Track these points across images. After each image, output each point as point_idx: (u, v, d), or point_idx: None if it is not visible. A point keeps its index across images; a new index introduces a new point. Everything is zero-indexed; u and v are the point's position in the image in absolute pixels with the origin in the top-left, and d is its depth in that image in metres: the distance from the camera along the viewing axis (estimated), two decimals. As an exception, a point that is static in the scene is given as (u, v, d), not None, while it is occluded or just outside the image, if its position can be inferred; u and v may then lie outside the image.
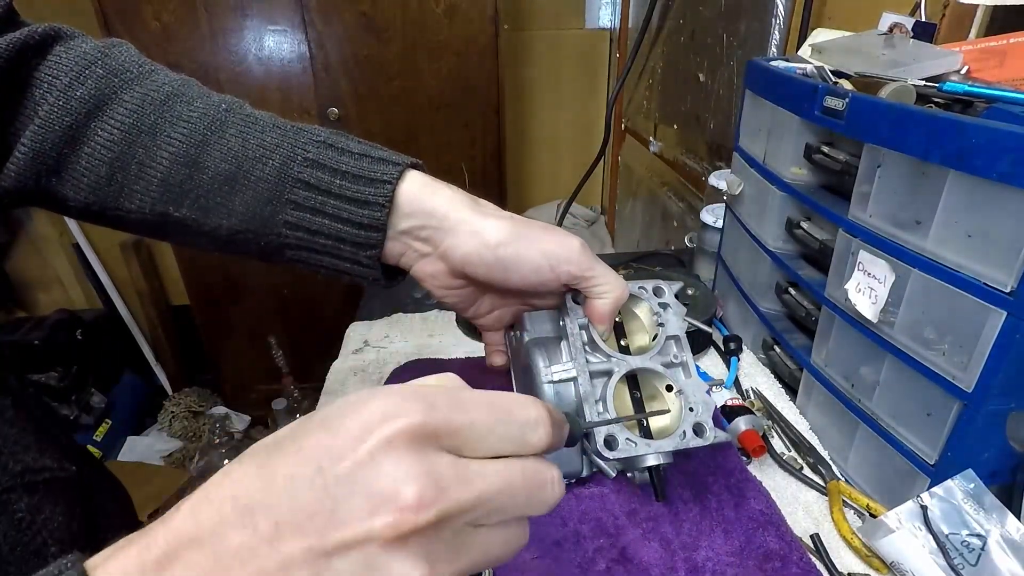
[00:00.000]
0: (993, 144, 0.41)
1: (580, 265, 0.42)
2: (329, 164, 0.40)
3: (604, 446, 0.42)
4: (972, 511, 0.47)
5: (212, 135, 0.39)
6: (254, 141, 0.39)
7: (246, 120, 0.40)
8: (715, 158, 1.43)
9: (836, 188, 0.64)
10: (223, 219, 0.40)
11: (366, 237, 0.41)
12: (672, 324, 0.48)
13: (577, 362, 0.45)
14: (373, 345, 0.87)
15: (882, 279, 0.52)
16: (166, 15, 1.58)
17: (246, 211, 0.40)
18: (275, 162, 0.39)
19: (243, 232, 0.40)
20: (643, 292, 0.49)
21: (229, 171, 0.39)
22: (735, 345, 0.79)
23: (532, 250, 0.41)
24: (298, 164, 0.39)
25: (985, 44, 0.57)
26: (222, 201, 0.39)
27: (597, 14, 2.28)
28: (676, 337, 0.48)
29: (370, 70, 1.70)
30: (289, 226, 0.40)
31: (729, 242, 0.87)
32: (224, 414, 2.17)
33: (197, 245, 0.43)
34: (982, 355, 0.44)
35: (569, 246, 0.42)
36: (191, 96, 0.41)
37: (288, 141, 0.40)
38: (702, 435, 0.44)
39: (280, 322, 2.01)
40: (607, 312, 0.44)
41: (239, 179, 0.39)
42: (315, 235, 0.41)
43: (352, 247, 0.41)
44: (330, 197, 0.40)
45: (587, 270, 0.43)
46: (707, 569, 0.49)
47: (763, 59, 0.74)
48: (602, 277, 0.43)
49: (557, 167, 2.48)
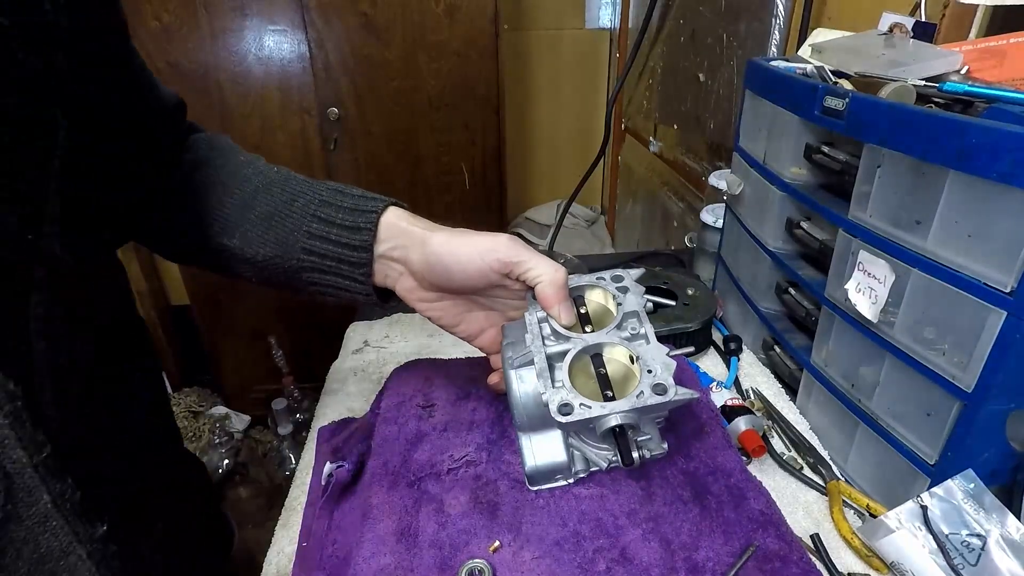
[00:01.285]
0: (993, 144, 0.41)
1: (507, 254, 0.49)
2: (335, 202, 0.51)
3: (559, 412, 0.45)
4: (972, 511, 0.47)
5: (263, 188, 0.53)
6: (289, 190, 0.52)
7: (287, 179, 0.53)
8: (715, 158, 1.43)
9: (836, 188, 0.64)
10: (260, 247, 0.51)
11: (357, 258, 0.50)
12: (630, 302, 0.51)
13: (534, 345, 0.49)
14: (373, 345, 0.87)
15: (882, 279, 0.52)
16: (166, 15, 1.58)
17: (276, 241, 0.51)
18: (299, 203, 0.51)
19: (273, 258, 0.51)
20: (602, 281, 0.53)
21: (268, 211, 0.51)
22: (735, 345, 0.79)
23: (464, 247, 0.49)
24: (314, 204, 0.51)
25: (985, 44, 0.57)
26: (261, 233, 0.51)
27: (597, 14, 2.28)
28: (635, 313, 0.51)
29: (370, 70, 1.70)
30: (306, 251, 0.51)
31: (729, 242, 0.87)
32: (224, 414, 2.17)
33: (241, 273, 0.54)
34: (982, 355, 0.44)
35: (495, 239, 0.49)
36: (258, 166, 0.55)
37: (310, 189, 0.52)
38: (664, 393, 0.45)
39: (280, 322, 2.01)
40: (549, 294, 0.49)
41: (274, 217, 0.51)
42: (324, 258, 0.51)
43: (349, 267, 0.51)
44: (333, 227, 0.50)
45: (514, 257, 0.49)
46: (707, 569, 0.49)
47: (763, 59, 0.74)
48: (531, 262, 0.49)
49: (557, 167, 2.48)
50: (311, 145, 1.77)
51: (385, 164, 1.82)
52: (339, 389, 0.78)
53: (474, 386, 0.65)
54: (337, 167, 1.80)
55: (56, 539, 0.30)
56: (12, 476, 0.28)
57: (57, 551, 0.30)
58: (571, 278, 0.52)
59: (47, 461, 0.29)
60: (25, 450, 0.28)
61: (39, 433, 0.29)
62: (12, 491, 0.28)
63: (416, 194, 1.87)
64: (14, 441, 0.28)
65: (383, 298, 0.55)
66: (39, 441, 0.29)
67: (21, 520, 0.29)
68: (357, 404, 0.75)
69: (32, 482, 0.29)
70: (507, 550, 0.49)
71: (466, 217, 1.91)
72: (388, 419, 0.62)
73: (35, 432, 0.29)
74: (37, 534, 0.29)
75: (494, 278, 0.50)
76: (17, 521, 0.28)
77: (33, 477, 0.29)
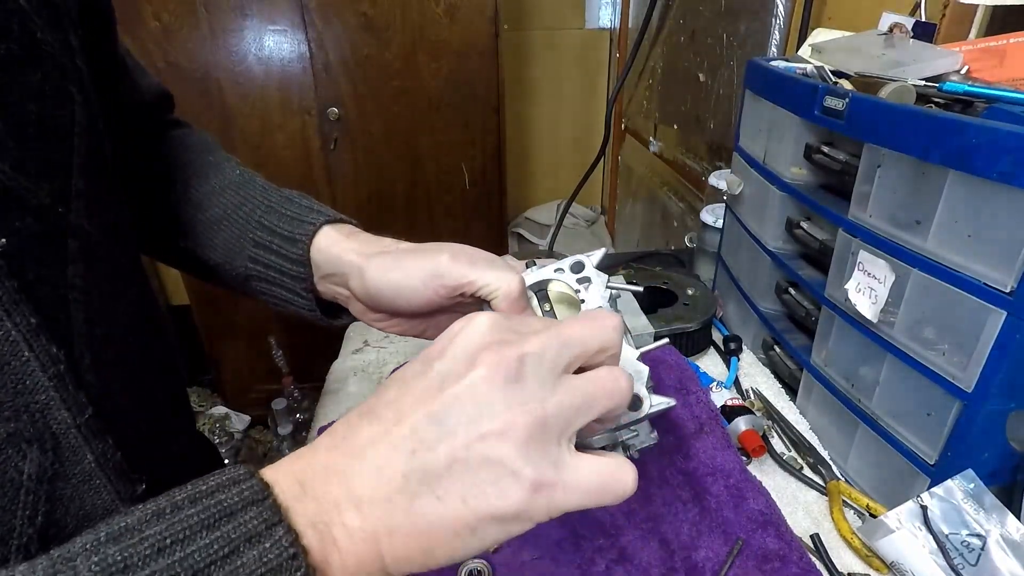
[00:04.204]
0: (993, 144, 0.41)
1: (450, 276, 0.43)
2: (279, 210, 0.48)
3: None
4: (972, 511, 0.47)
5: (217, 190, 0.50)
6: (240, 194, 0.50)
7: (245, 183, 0.51)
8: (715, 158, 1.43)
9: (836, 188, 0.64)
10: (211, 252, 0.50)
11: (297, 271, 0.48)
12: (591, 298, 0.44)
13: None
14: (373, 345, 0.87)
15: (882, 279, 0.52)
16: (166, 15, 1.58)
17: (224, 247, 0.49)
18: (246, 209, 0.49)
19: (223, 264, 0.50)
20: (560, 272, 0.46)
21: (218, 215, 0.49)
22: (735, 345, 0.79)
23: (404, 279, 0.44)
24: (261, 210, 0.49)
25: (985, 44, 0.57)
26: (211, 237, 0.49)
27: (597, 14, 2.28)
28: (598, 309, 0.43)
29: (370, 70, 1.70)
30: (252, 260, 0.49)
31: (729, 242, 0.87)
32: (224, 414, 2.17)
33: (202, 277, 0.53)
34: (982, 355, 0.44)
35: (436, 260, 0.43)
36: (223, 167, 0.53)
37: (262, 195, 0.49)
38: (637, 408, 0.37)
39: (280, 322, 2.01)
40: (503, 310, 0.42)
41: (223, 221, 0.49)
42: (267, 268, 0.48)
43: (291, 280, 0.48)
44: (275, 237, 0.48)
45: (459, 279, 0.43)
46: (707, 569, 0.49)
47: (763, 59, 0.74)
48: (481, 280, 0.42)
49: (557, 167, 2.48)
50: (311, 145, 1.77)
51: (385, 164, 1.82)
52: (339, 389, 0.78)
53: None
54: (337, 167, 1.80)
55: (99, 497, 0.32)
56: (58, 436, 0.30)
57: (101, 508, 0.32)
58: (527, 273, 0.46)
59: (89, 422, 0.31)
60: (69, 411, 0.30)
61: (81, 395, 0.31)
62: (59, 450, 0.30)
63: (416, 194, 1.87)
64: (59, 403, 0.29)
65: (331, 315, 0.52)
66: (81, 403, 0.31)
67: (68, 478, 0.30)
68: (357, 404, 0.74)
69: (76, 442, 0.30)
70: (507, 550, 0.49)
71: (466, 217, 1.91)
72: (388, 419, 0.62)
73: (77, 394, 0.30)
74: (83, 492, 0.31)
75: (445, 303, 0.45)
76: (64, 479, 0.30)
77: (77, 437, 0.30)
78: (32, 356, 0.28)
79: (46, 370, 0.29)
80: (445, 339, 0.29)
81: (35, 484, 0.28)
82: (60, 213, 0.31)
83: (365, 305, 0.48)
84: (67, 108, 0.33)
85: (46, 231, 0.31)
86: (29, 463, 0.28)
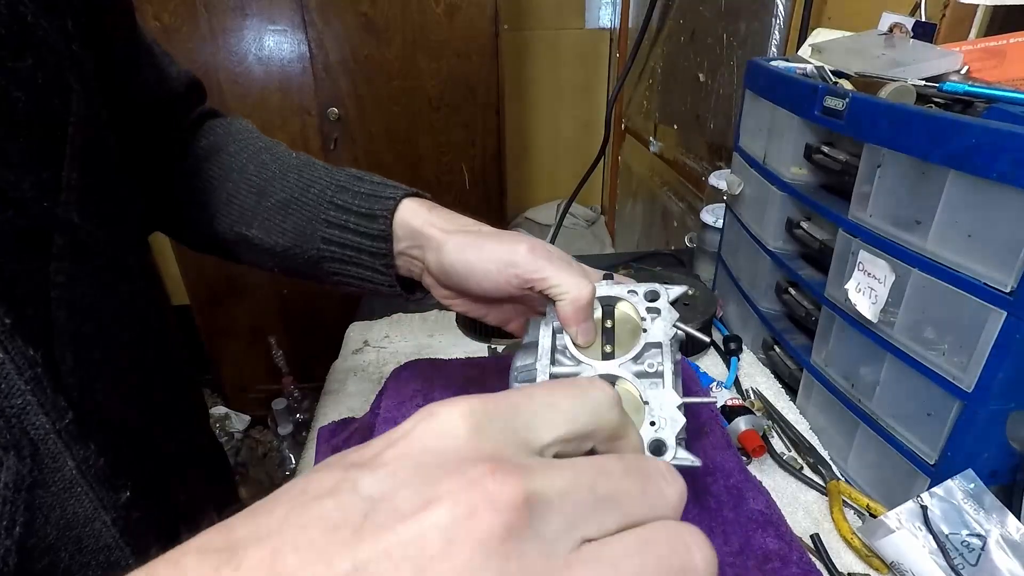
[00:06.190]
0: (993, 144, 0.41)
1: (526, 268, 0.43)
2: (352, 188, 0.49)
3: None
4: (972, 511, 0.47)
5: (279, 174, 0.50)
6: (305, 176, 0.50)
7: (305, 164, 0.51)
8: (715, 158, 1.43)
9: (836, 188, 0.64)
10: (279, 237, 0.49)
11: (377, 247, 0.48)
12: (655, 331, 0.42)
13: (540, 362, 0.43)
14: (373, 345, 0.87)
15: (882, 279, 0.52)
16: (166, 15, 1.58)
17: (295, 230, 0.49)
18: (315, 190, 0.49)
19: (293, 248, 0.49)
20: (633, 295, 0.45)
21: (284, 199, 0.49)
22: (735, 345, 0.79)
23: (480, 258, 0.44)
24: (331, 190, 0.49)
25: (985, 44, 0.57)
26: (279, 222, 0.49)
27: (597, 14, 2.28)
28: (658, 344, 0.43)
29: (370, 70, 1.70)
30: (325, 241, 0.48)
31: (729, 242, 0.87)
32: (224, 414, 2.17)
33: (263, 264, 0.53)
34: (982, 355, 0.44)
35: (513, 250, 0.43)
36: (277, 152, 0.53)
37: (328, 175, 0.50)
38: (660, 453, 0.37)
39: (280, 322, 2.01)
40: (568, 314, 0.42)
41: (291, 204, 0.49)
42: (344, 247, 0.49)
43: (370, 256, 0.48)
44: (351, 215, 0.48)
45: (534, 272, 0.43)
46: (707, 569, 0.49)
47: (763, 59, 0.74)
48: (555, 278, 0.42)
49: (557, 167, 2.48)
50: (311, 145, 1.77)
51: (385, 164, 1.82)
52: (339, 389, 0.78)
53: (474, 386, 0.65)
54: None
55: (81, 505, 0.30)
56: (37, 443, 0.28)
57: (82, 517, 0.30)
58: (601, 285, 0.45)
59: (69, 427, 0.29)
60: (47, 416, 0.28)
61: (60, 399, 0.29)
62: (38, 457, 0.28)
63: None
64: (36, 407, 0.28)
65: (409, 289, 0.51)
66: (61, 407, 0.29)
67: (48, 486, 0.29)
68: (357, 404, 0.75)
69: (56, 448, 0.29)
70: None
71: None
72: (388, 419, 0.62)
73: (56, 398, 0.29)
74: (63, 500, 0.29)
75: (514, 292, 0.45)
76: (44, 487, 0.29)
77: (56, 443, 0.29)
78: (7, 358, 0.27)
79: (22, 373, 0.27)
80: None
81: (12, 493, 0.27)
82: (45, 207, 0.30)
83: (436, 279, 0.49)
84: (62, 97, 0.32)
85: (28, 225, 0.29)
86: (6, 471, 0.27)
